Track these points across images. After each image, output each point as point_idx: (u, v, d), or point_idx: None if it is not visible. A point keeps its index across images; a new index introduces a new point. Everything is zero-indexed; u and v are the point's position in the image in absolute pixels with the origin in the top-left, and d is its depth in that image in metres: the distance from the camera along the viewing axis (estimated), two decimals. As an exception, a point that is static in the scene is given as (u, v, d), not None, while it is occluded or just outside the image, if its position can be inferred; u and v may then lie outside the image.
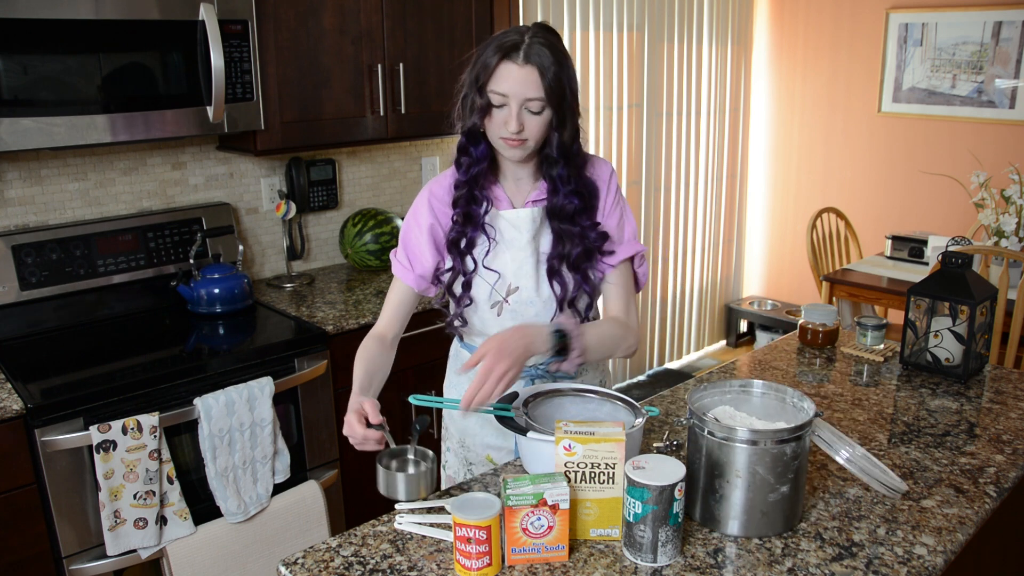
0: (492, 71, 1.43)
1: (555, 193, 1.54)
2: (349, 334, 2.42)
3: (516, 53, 1.42)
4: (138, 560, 2.03)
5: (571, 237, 1.55)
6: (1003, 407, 1.75)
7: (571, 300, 1.58)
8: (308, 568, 1.22)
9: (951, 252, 1.91)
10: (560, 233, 1.55)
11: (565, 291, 1.56)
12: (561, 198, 1.53)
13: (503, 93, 1.43)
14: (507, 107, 1.44)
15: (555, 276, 1.56)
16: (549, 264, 1.56)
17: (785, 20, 4.59)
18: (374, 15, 2.62)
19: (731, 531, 1.28)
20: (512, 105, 1.44)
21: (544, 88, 1.43)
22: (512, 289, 1.58)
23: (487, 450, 1.71)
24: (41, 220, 2.40)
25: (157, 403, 2.04)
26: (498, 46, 1.44)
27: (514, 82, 1.42)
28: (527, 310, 1.59)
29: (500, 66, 1.43)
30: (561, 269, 1.56)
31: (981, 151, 3.92)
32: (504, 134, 1.46)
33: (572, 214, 1.54)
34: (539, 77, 1.42)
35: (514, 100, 1.43)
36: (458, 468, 1.76)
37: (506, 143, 1.48)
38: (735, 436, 1.24)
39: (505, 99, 1.44)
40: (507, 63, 1.42)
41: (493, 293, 1.58)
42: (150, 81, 2.17)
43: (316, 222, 3.01)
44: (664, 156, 4.36)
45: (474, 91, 1.47)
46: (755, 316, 4.88)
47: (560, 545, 1.20)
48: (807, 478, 1.38)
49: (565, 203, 1.53)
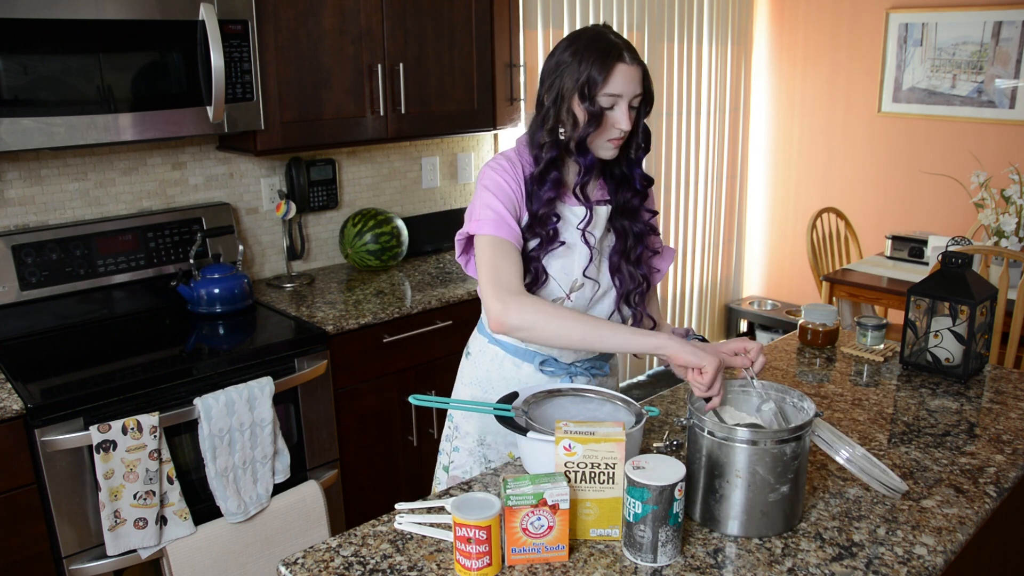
0: (608, 76, 1.46)
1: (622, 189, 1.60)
2: (349, 334, 2.42)
3: (623, 54, 1.47)
4: (138, 560, 2.03)
5: (632, 232, 1.62)
6: (1003, 407, 1.75)
7: (627, 294, 1.65)
8: (308, 568, 1.22)
9: (951, 252, 1.91)
10: (623, 230, 1.62)
11: (624, 285, 1.63)
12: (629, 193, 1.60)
13: (618, 93, 1.47)
14: (617, 107, 1.48)
15: (616, 272, 1.63)
16: (611, 260, 1.63)
17: (785, 20, 4.59)
18: (374, 15, 2.62)
19: (731, 531, 1.28)
20: (623, 104, 1.48)
21: (644, 84, 1.51)
22: (577, 286, 1.61)
23: (509, 447, 1.71)
24: (41, 220, 2.40)
25: (157, 403, 2.04)
26: (602, 51, 1.46)
27: (627, 81, 1.47)
28: (586, 304, 1.63)
29: (615, 69, 1.46)
30: (621, 265, 1.63)
31: (981, 151, 3.92)
32: (614, 135, 1.50)
33: (637, 208, 1.62)
34: (641, 75, 1.49)
35: (625, 99, 1.48)
36: (473, 467, 1.74)
37: (613, 143, 1.52)
38: (735, 436, 1.24)
39: (617, 99, 1.48)
40: (620, 65, 1.47)
41: (557, 290, 1.60)
42: (150, 81, 2.17)
43: (316, 222, 3.01)
44: (664, 156, 4.36)
45: (576, 103, 1.48)
46: (755, 316, 4.87)
47: (560, 545, 1.20)
48: (807, 478, 1.39)
49: (632, 197, 1.60)
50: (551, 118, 1.51)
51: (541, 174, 1.53)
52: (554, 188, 1.53)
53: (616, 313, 1.67)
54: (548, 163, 1.53)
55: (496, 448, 1.72)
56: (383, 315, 2.49)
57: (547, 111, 1.52)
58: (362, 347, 2.47)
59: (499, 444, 1.72)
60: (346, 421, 2.46)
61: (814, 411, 1.30)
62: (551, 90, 1.51)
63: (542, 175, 1.53)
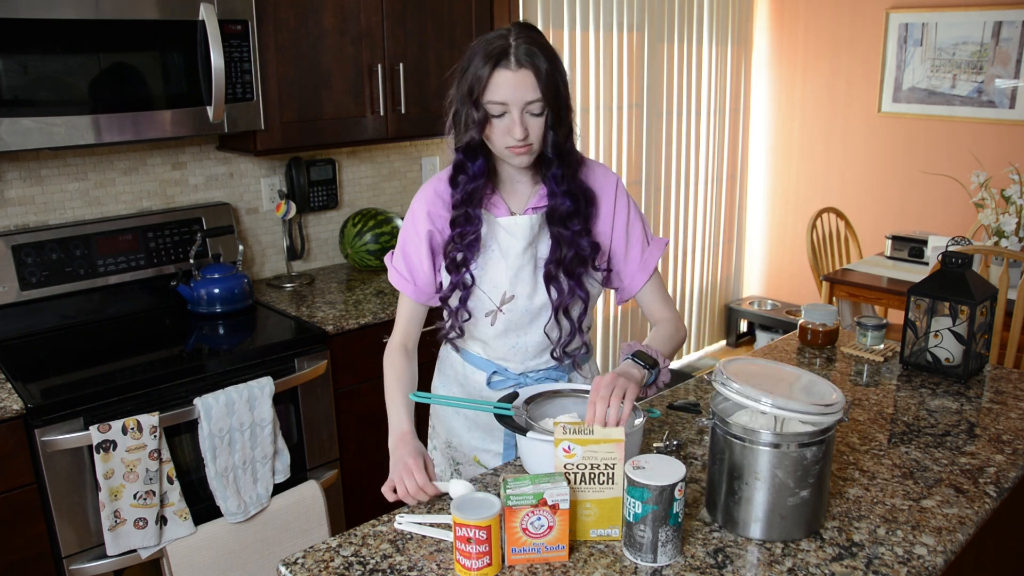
0: (487, 81, 1.38)
1: (552, 195, 1.50)
2: (349, 334, 2.42)
3: (507, 59, 1.37)
4: (138, 560, 2.03)
5: (566, 241, 1.51)
6: (1003, 407, 1.75)
7: (566, 307, 1.55)
8: (308, 568, 1.22)
9: (951, 252, 1.90)
10: (558, 237, 1.52)
11: (562, 297, 1.54)
12: (557, 199, 1.50)
13: (501, 101, 1.39)
14: (508, 115, 1.40)
15: (552, 281, 1.53)
16: (546, 269, 1.53)
17: (785, 20, 4.59)
18: (374, 15, 2.62)
19: (751, 534, 1.27)
20: (513, 112, 1.39)
21: (541, 89, 1.39)
22: (507, 298, 1.55)
23: (474, 451, 1.71)
24: (41, 220, 2.40)
25: (157, 403, 2.04)
26: (486, 54, 1.38)
27: (511, 88, 1.38)
28: (521, 318, 1.57)
29: (494, 74, 1.38)
30: (558, 274, 1.53)
31: (981, 151, 3.92)
32: (510, 143, 1.42)
33: (565, 216, 1.50)
34: (535, 79, 1.38)
35: (514, 106, 1.39)
36: (445, 467, 1.77)
37: (513, 152, 1.44)
38: (756, 439, 1.24)
39: (505, 107, 1.40)
40: (501, 70, 1.38)
41: (488, 302, 1.56)
42: (150, 81, 2.17)
43: (316, 222, 3.01)
44: (664, 156, 4.36)
45: (468, 105, 1.42)
46: (755, 316, 4.87)
47: (560, 545, 1.20)
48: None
49: (559, 204, 1.50)
50: (460, 118, 1.45)
51: (452, 177, 1.50)
52: (463, 191, 1.49)
53: (554, 326, 1.57)
54: (455, 166, 1.50)
55: (462, 451, 1.72)
56: (383, 315, 2.49)
57: (457, 111, 1.46)
58: (362, 347, 2.46)
59: (464, 447, 1.71)
60: (346, 421, 2.46)
61: (839, 415, 1.27)
62: (458, 89, 1.45)
63: (453, 178, 1.50)
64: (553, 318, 1.57)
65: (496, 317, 1.57)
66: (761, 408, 1.24)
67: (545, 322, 1.58)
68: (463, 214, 1.51)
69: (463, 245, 1.52)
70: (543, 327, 1.58)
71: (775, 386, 1.30)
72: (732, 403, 1.33)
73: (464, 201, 1.50)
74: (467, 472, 1.73)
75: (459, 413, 1.69)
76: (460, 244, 1.52)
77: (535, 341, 1.60)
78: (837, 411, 1.26)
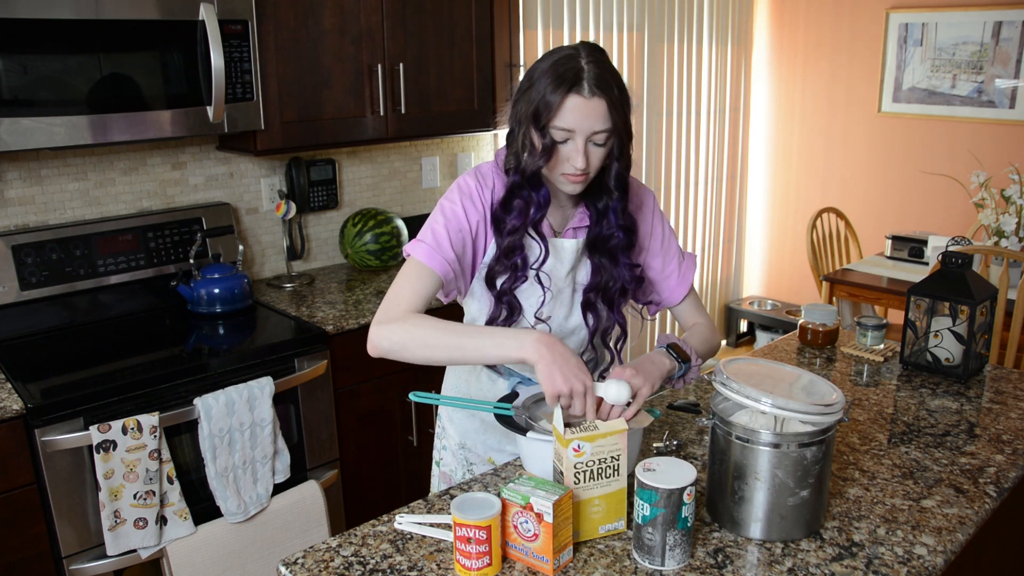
0: (558, 107, 1.31)
1: (599, 223, 1.46)
2: (349, 334, 2.42)
3: (580, 84, 1.30)
4: (138, 560, 2.03)
5: (610, 273, 1.48)
6: (1003, 407, 1.75)
7: (603, 332, 1.54)
8: (308, 568, 1.22)
9: (951, 252, 1.90)
10: (600, 266, 1.49)
11: (599, 324, 1.52)
12: (606, 229, 1.45)
13: (569, 128, 1.32)
14: (571, 141, 1.34)
15: (590, 308, 1.51)
16: (586, 297, 1.51)
17: (785, 20, 4.59)
18: (374, 15, 2.62)
19: (751, 534, 1.27)
20: (578, 140, 1.33)
21: (612, 120, 1.33)
22: (544, 317, 1.51)
23: (489, 452, 1.70)
24: (41, 220, 2.40)
25: (157, 403, 2.04)
26: (558, 76, 1.31)
27: (582, 117, 1.31)
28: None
29: (566, 100, 1.31)
30: (597, 302, 1.50)
31: (981, 151, 3.92)
32: (568, 170, 1.36)
33: (616, 249, 1.47)
34: (607, 109, 1.32)
35: (580, 135, 1.33)
36: (456, 468, 1.75)
37: (568, 179, 1.38)
38: (757, 439, 1.24)
39: (570, 134, 1.33)
40: (573, 96, 1.31)
41: (523, 320, 1.52)
42: (150, 81, 2.17)
43: (316, 222, 3.01)
44: (664, 156, 4.36)
45: (530, 127, 1.35)
46: (755, 316, 4.87)
47: (544, 557, 1.18)
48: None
49: (609, 235, 1.46)
50: (516, 141, 1.39)
51: (504, 201, 1.42)
52: (520, 216, 1.42)
53: (589, 350, 1.55)
54: (510, 189, 1.42)
55: (476, 452, 1.70)
56: (383, 315, 2.49)
57: (512, 132, 1.40)
58: (362, 347, 2.44)
59: (479, 449, 1.69)
60: (346, 421, 2.46)
61: (839, 415, 1.27)
62: (515, 108, 1.39)
63: (505, 202, 1.42)
64: (589, 343, 1.56)
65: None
66: (761, 408, 1.24)
67: (579, 345, 1.56)
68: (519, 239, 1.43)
69: (518, 273, 1.45)
70: (576, 349, 1.56)
71: (775, 386, 1.30)
72: (732, 403, 1.33)
73: (523, 227, 1.42)
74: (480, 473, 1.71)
75: (475, 414, 1.66)
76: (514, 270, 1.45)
77: None
78: (837, 411, 1.26)
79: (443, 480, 1.78)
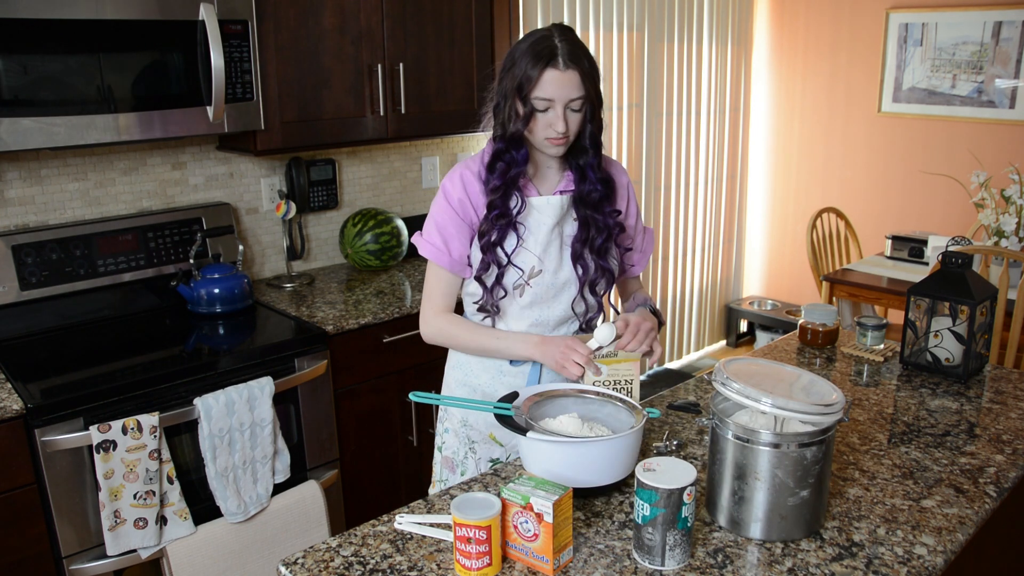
0: (537, 80, 1.52)
1: (583, 181, 1.65)
2: (349, 334, 2.42)
3: (556, 59, 1.51)
4: (138, 560, 2.03)
5: (595, 223, 1.66)
6: (1003, 407, 1.75)
7: (592, 284, 1.69)
8: (308, 568, 1.22)
9: (951, 252, 1.91)
10: (586, 219, 1.66)
11: (587, 274, 1.68)
12: (588, 185, 1.65)
13: (548, 98, 1.53)
14: (551, 110, 1.54)
15: (579, 260, 1.67)
16: (573, 248, 1.67)
17: (785, 20, 4.59)
18: (374, 15, 2.62)
19: (751, 534, 1.27)
20: (557, 107, 1.53)
21: (585, 88, 1.54)
22: (535, 272, 1.65)
23: (490, 428, 1.74)
24: (41, 220, 2.40)
25: (157, 403, 2.04)
26: (535, 54, 1.52)
27: (559, 87, 1.52)
28: (547, 292, 1.67)
29: (544, 74, 1.51)
30: (584, 253, 1.67)
31: (981, 151, 3.92)
32: (550, 135, 1.56)
33: (598, 201, 1.66)
34: (580, 79, 1.53)
35: (559, 103, 1.53)
36: (458, 448, 1.79)
37: (551, 142, 1.58)
38: (757, 439, 1.24)
39: (550, 103, 1.53)
40: (551, 70, 1.51)
41: (517, 276, 1.66)
42: (150, 81, 2.17)
43: (316, 222, 3.01)
44: (664, 156, 4.36)
45: (514, 100, 1.56)
46: (755, 316, 4.87)
47: (544, 557, 1.18)
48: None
49: (591, 190, 1.65)
50: (502, 111, 1.60)
51: (490, 163, 1.62)
52: (501, 177, 1.61)
53: (580, 301, 1.71)
54: (495, 154, 1.61)
55: (478, 429, 1.77)
56: (383, 315, 2.49)
57: (498, 104, 1.61)
58: (362, 347, 2.47)
59: (480, 425, 1.76)
60: (346, 421, 2.46)
61: (839, 415, 1.27)
62: (501, 85, 1.59)
63: (491, 164, 1.62)
64: (579, 294, 1.70)
65: (524, 290, 1.66)
66: (761, 408, 1.24)
67: (571, 297, 1.69)
68: (501, 196, 1.61)
69: (499, 224, 1.62)
70: (569, 302, 1.69)
71: (775, 386, 1.30)
72: (732, 403, 1.33)
73: (503, 185, 1.61)
74: (482, 450, 1.77)
75: (476, 390, 1.75)
76: (496, 223, 1.62)
77: (557, 315, 1.70)
78: (837, 411, 1.26)
79: (445, 465, 1.82)
